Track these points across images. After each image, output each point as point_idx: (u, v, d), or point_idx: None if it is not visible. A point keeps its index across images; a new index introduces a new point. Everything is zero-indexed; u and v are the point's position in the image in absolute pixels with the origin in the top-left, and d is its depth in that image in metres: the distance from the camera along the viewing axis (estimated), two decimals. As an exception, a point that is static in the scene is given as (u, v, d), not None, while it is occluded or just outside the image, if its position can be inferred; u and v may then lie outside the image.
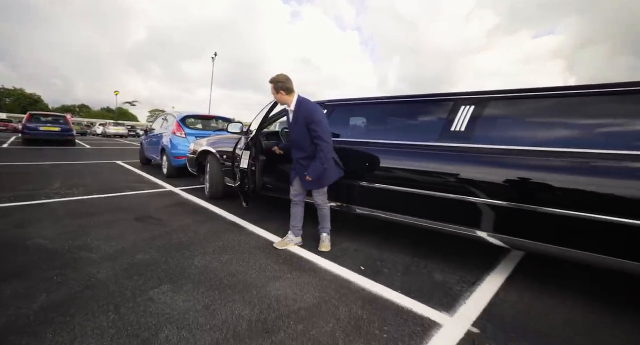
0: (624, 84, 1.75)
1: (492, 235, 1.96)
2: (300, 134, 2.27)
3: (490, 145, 2.02)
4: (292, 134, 2.35)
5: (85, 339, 1.32)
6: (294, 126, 2.31)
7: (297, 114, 2.27)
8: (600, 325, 1.60)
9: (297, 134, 2.30)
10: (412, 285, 1.93)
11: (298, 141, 2.32)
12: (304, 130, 2.24)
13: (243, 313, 1.56)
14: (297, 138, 2.31)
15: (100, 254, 2.16)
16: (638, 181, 1.53)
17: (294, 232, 2.48)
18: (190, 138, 5.37)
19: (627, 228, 1.53)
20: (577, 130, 1.84)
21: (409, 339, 1.42)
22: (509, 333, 1.49)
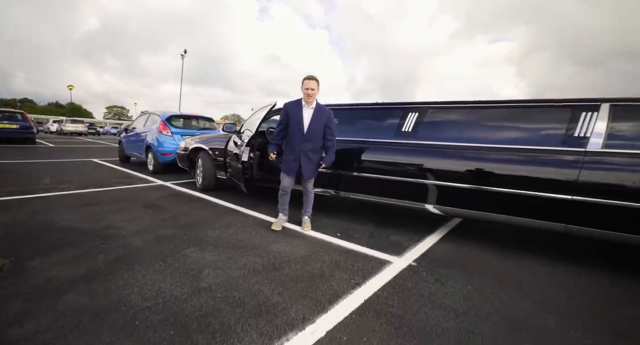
0: (514, 101, 2.63)
1: (434, 207, 2.75)
2: (317, 130, 2.69)
3: (429, 141, 2.82)
4: (310, 129, 2.67)
5: (152, 275, 1.88)
6: (313, 123, 2.67)
7: (319, 113, 2.69)
8: (498, 261, 2.45)
9: (314, 130, 2.68)
10: (374, 243, 2.67)
11: (313, 136, 2.70)
12: (321, 127, 2.70)
13: (256, 260, 2.19)
14: (314, 133, 2.69)
15: (127, 231, 2.65)
16: (521, 165, 2.39)
17: (284, 213, 2.98)
18: (176, 136, 5.76)
19: (523, 195, 2.37)
20: (485, 131, 2.69)
21: (370, 269, 2.14)
22: (434, 265, 2.27)
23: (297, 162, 2.74)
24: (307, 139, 2.69)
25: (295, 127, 2.69)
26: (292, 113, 2.70)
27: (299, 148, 2.72)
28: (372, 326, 1.50)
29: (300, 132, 2.69)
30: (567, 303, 1.81)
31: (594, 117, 2.26)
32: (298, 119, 2.68)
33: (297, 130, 2.69)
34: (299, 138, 2.70)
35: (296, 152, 2.73)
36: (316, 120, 2.68)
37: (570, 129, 2.32)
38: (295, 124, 2.69)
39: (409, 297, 1.80)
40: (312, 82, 2.64)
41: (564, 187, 2.21)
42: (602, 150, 2.15)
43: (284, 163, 2.83)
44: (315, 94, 2.66)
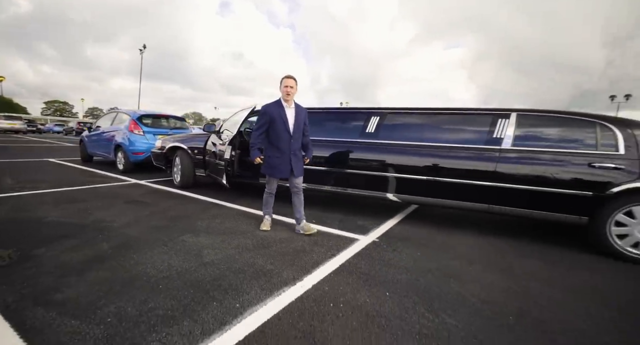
0: (450, 108, 3.30)
1: (393, 195, 3.33)
2: (299, 129, 2.77)
3: (388, 140, 3.39)
4: (295, 128, 2.72)
5: (159, 255, 2.19)
6: (296, 122, 2.72)
7: (299, 112, 2.76)
8: (440, 235, 3.08)
9: (298, 129, 2.75)
10: (344, 226, 3.17)
11: (299, 135, 2.79)
12: (302, 126, 2.79)
13: (247, 242, 2.57)
14: (298, 132, 2.77)
15: (119, 224, 2.86)
16: (457, 160, 3.04)
17: (270, 214, 3.01)
18: (148, 135, 5.81)
19: (459, 183, 3.01)
20: (432, 132, 3.33)
21: (343, 244, 2.63)
22: (392, 240, 2.84)
23: (288, 163, 2.74)
24: (295, 138, 2.75)
25: (282, 128, 2.69)
26: (276, 115, 2.68)
27: (288, 149, 2.72)
28: (346, 280, 1.99)
29: (287, 132, 2.70)
30: (485, 260, 2.47)
31: (506, 123, 2.98)
32: (284, 119, 2.68)
33: (284, 131, 2.69)
34: (287, 139, 2.71)
35: (285, 153, 2.73)
36: (298, 119, 2.74)
37: (491, 131, 3.02)
38: (281, 125, 2.68)
39: (373, 261, 2.32)
40: (291, 80, 2.67)
41: (487, 176, 2.90)
42: (511, 148, 2.87)
43: (270, 166, 2.78)
44: (294, 93, 2.70)
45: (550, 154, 2.74)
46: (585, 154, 2.63)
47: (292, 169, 2.76)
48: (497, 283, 2.06)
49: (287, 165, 2.75)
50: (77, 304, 1.55)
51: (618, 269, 2.39)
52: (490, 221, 3.70)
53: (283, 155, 2.73)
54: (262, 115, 2.75)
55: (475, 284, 2.02)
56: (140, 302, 1.60)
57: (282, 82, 2.70)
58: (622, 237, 2.52)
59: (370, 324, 1.53)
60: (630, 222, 2.48)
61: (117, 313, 1.49)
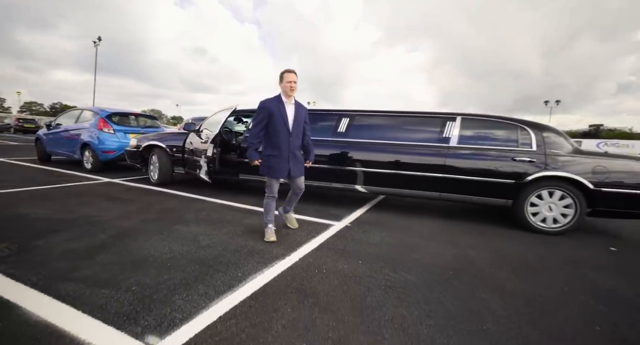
0: (405, 111, 3.88)
1: (361, 187, 3.82)
2: (299, 126, 2.61)
3: (357, 139, 3.88)
4: (295, 126, 2.56)
5: (158, 242, 2.43)
6: (296, 119, 2.56)
7: (299, 109, 2.60)
8: (402, 220, 3.63)
9: (298, 126, 2.59)
10: (320, 215, 3.59)
11: (299, 133, 2.62)
12: (302, 124, 2.63)
13: (236, 229, 2.89)
14: (299, 130, 2.61)
15: (108, 218, 3.01)
16: (415, 155, 3.60)
17: (273, 222, 2.70)
18: (119, 134, 5.75)
19: (417, 176, 3.57)
20: (394, 132, 3.87)
21: (320, 229, 3.05)
22: (362, 224, 3.32)
23: (287, 163, 2.58)
24: (294, 136, 2.58)
25: (281, 125, 2.51)
26: (276, 111, 2.50)
27: (287, 147, 2.56)
28: (326, 254, 2.41)
29: (286, 130, 2.52)
30: (437, 236, 3.04)
31: (453, 125, 3.61)
32: (284, 116, 2.51)
33: (283, 128, 2.52)
34: (286, 137, 2.54)
35: (283, 152, 2.56)
36: (298, 116, 2.58)
37: (441, 132, 3.63)
38: (280, 122, 2.50)
39: (347, 240, 2.77)
40: (293, 75, 2.50)
41: (438, 169, 3.50)
42: (456, 146, 3.50)
43: (268, 166, 2.58)
44: (296, 88, 2.53)
45: (485, 150, 3.40)
46: (509, 150, 3.33)
47: (290, 169, 2.61)
48: (443, 252, 2.62)
49: (286, 164, 2.58)
50: (99, 279, 1.79)
51: (532, 239, 3.10)
52: (443, 207, 4.36)
53: (281, 154, 2.56)
54: (260, 110, 2.55)
55: (428, 253, 2.56)
56: (154, 275, 1.88)
57: (283, 77, 2.52)
58: (535, 215, 3.25)
59: (347, 281, 1.97)
60: (539, 203, 3.21)
61: (138, 283, 1.77)
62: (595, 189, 3.03)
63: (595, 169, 3.06)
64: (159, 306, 1.55)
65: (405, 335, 1.45)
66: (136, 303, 1.57)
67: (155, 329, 1.38)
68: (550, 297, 1.92)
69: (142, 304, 1.56)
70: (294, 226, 2.98)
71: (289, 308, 1.63)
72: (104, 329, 1.35)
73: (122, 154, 5.58)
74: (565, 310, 1.77)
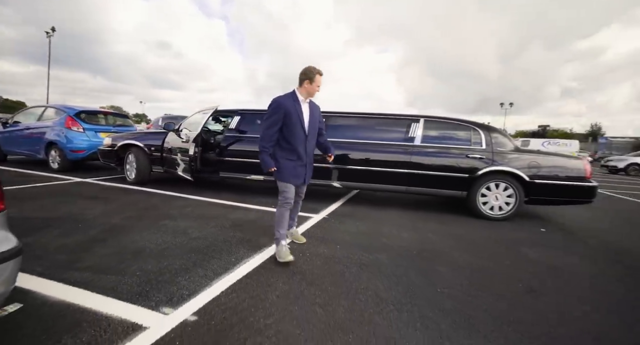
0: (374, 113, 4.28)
1: (337, 183, 4.16)
2: (315, 127, 2.38)
3: (331, 138, 4.19)
4: (311, 126, 2.32)
5: (150, 235, 2.57)
6: (312, 119, 2.32)
7: (314, 108, 2.37)
8: (374, 212, 4.02)
9: (313, 127, 2.36)
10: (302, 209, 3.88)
11: (315, 135, 2.40)
12: (317, 124, 2.39)
13: (223, 222, 3.09)
14: (313, 131, 2.37)
15: (93, 215, 3.07)
16: (385, 153, 4.00)
17: (285, 237, 2.34)
18: (89, 132, 5.61)
19: (387, 171, 3.97)
20: (365, 132, 4.24)
21: (300, 220, 3.34)
22: (338, 216, 3.66)
23: (304, 167, 2.34)
24: (310, 138, 2.34)
25: (298, 127, 2.24)
26: (292, 110, 2.22)
27: (304, 150, 2.30)
28: (308, 241, 2.70)
29: (303, 131, 2.27)
30: (404, 225, 3.46)
31: (417, 126, 4.06)
32: (300, 116, 2.25)
33: (300, 129, 2.25)
34: (302, 139, 2.27)
35: (301, 155, 2.29)
36: (313, 115, 2.34)
37: (407, 132, 4.08)
38: (297, 123, 2.23)
39: (325, 230, 3.09)
40: (321, 78, 2.28)
41: (405, 166, 3.93)
42: (420, 145, 3.96)
43: (285, 170, 2.26)
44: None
45: (444, 149, 3.89)
46: (464, 148, 3.84)
47: (305, 176, 2.38)
48: (409, 237, 3.03)
49: (303, 169, 2.34)
50: (102, 268, 1.94)
51: (482, 224, 3.63)
52: (409, 199, 4.84)
53: (299, 158, 2.30)
54: (274, 109, 2.22)
55: (396, 238, 2.95)
56: (155, 263, 2.06)
57: (314, 80, 2.23)
58: (485, 204, 3.80)
59: (328, 261, 2.29)
60: (488, 194, 3.76)
61: (141, 270, 1.94)
62: (530, 181, 3.63)
63: (530, 164, 3.66)
64: (166, 286, 1.76)
65: (377, 298, 1.80)
66: (144, 285, 1.76)
67: (167, 302, 1.59)
68: (492, 267, 2.38)
69: (150, 285, 1.76)
70: (302, 241, 2.66)
71: (281, 283, 1.91)
72: (121, 305, 1.55)
73: (93, 153, 5.46)
74: (501, 276, 2.23)
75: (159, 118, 11.06)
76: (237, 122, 4.45)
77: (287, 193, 2.32)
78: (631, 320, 1.75)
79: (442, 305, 1.77)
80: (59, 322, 1.39)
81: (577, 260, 2.64)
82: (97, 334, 1.32)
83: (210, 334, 1.38)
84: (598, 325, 1.66)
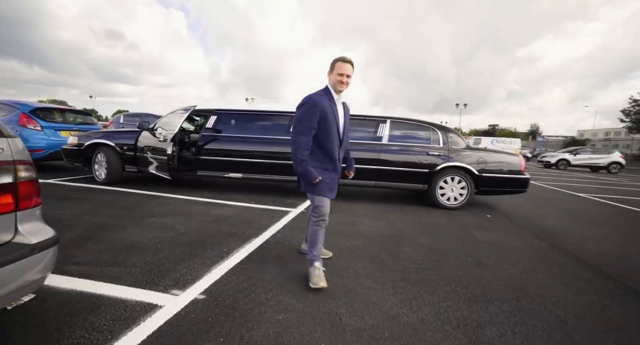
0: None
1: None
2: (348, 132, 2.11)
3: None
4: (345, 129, 2.01)
5: (139, 232, 2.66)
6: (345, 121, 2.03)
7: (346, 109, 2.07)
8: (346, 204, 4.38)
9: (347, 132, 2.07)
10: (278, 203, 4.12)
11: (346, 140, 2.11)
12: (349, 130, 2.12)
13: (207, 218, 3.24)
14: (347, 136, 2.10)
15: (72, 215, 3.04)
16: (359, 152, 4.37)
17: (320, 260, 2.00)
18: (48, 131, 5.30)
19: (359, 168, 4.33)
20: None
21: (280, 214, 3.59)
22: (316, 209, 3.96)
23: (338, 177, 2.04)
24: (344, 144, 2.05)
25: (333, 129, 1.91)
26: (329, 111, 1.88)
27: (337, 158, 1.99)
28: (290, 232, 2.98)
29: (337, 134, 1.95)
30: (374, 215, 3.86)
31: (384, 126, 4.49)
32: (336, 117, 1.92)
33: (335, 132, 1.93)
34: (337, 145, 1.96)
35: (337, 165, 1.99)
36: (346, 117, 2.05)
37: (376, 132, 4.49)
38: (333, 125, 1.91)
39: (305, 222, 3.36)
40: (348, 66, 1.89)
41: (374, 162, 4.34)
42: (387, 143, 4.39)
43: (322, 182, 1.91)
44: (348, 85, 1.93)
45: (408, 147, 4.37)
46: (425, 146, 4.35)
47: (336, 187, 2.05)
48: (379, 225, 3.43)
49: (337, 179, 2.04)
50: (101, 262, 2.04)
51: (440, 212, 4.16)
52: (378, 192, 5.29)
53: (335, 168, 1.99)
54: (309, 109, 1.85)
55: (367, 227, 3.33)
56: (152, 255, 2.20)
57: (335, 67, 1.90)
58: (443, 195, 4.34)
59: (312, 247, 2.58)
60: (445, 186, 4.31)
61: (140, 261, 2.08)
62: (479, 175, 4.23)
63: (479, 160, 4.26)
64: (169, 273, 1.93)
65: (355, 274, 2.14)
66: (147, 273, 1.92)
67: (174, 286, 1.78)
68: (447, 246, 2.85)
69: (154, 274, 1.92)
70: (328, 255, 2.41)
71: (273, 266, 2.17)
72: (132, 290, 1.70)
73: (54, 152, 5.18)
74: (455, 253, 2.69)
75: (119, 116, 10.49)
76: (214, 122, 4.55)
77: (323, 208, 2.00)
78: (548, 277, 2.27)
79: (409, 276, 2.15)
80: (78, 305, 1.52)
81: (512, 239, 3.22)
82: (119, 313, 1.48)
83: (220, 307, 1.60)
84: (525, 283, 2.15)
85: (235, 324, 1.47)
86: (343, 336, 1.44)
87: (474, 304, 1.81)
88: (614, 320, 1.73)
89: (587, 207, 5.48)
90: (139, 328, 1.37)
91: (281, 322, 1.51)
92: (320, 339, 1.41)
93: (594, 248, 3.08)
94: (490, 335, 1.52)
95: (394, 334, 1.48)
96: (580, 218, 4.50)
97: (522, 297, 1.94)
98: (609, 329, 1.64)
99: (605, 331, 1.61)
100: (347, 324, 1.54)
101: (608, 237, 3.54)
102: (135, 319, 1.44)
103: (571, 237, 3.40)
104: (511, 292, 2.01)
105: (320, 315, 1.60)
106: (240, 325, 1.47)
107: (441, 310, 1.73)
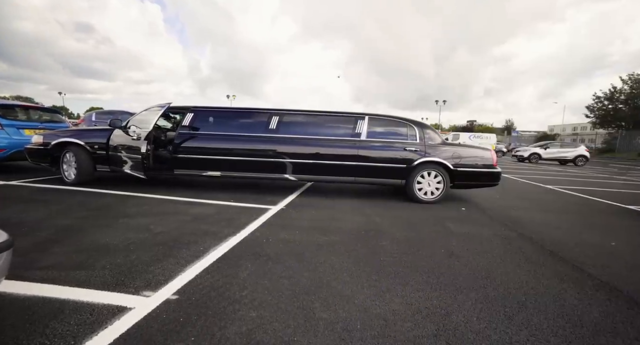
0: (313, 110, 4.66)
1: (291, 176, 4.44)
2: None
3: (286, 135, 4.47)
4: None
5: (112, 233, 2.57)
6: None
7: None
8: (328, 201, 4.41)
9: None
10: (259, 201, 4.09)
11: None
12: None
13: (184, 217, 3.17)
14: None
15: (38, 218, 2.89)
16: (335, 148, 4.40)
17: None
18: (9, 129, 5.01)
19: (337, 164, 4.36)
20: (317, 128, 4.59)
21: (260, 212, 3.57)
22: (294, 206, 3.96)
23: None
24: None
25: None
26: None
27: None
28: (269, 229, 2.97)
29: None
30: (354, 211, 3.91)
31: (362, 122, 4.54)
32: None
33: None
34: None
35: None
36: None
37: (355, 128, 4.53)
38: None
39: (284, 218, 3.37)
40: None
41: (352, 158, 4.39)
42: (365, 139, 4.44)
43: None
44: None
45: (386, 143, 4.44)
46: (402, 142, 4.44)
47: None
48: (358, 220, 3.48)
49: None
50: (67, 266, 1.96)
51: (417, 206, 4.28)
52: (357, 188, 5.36)
53: None
54: None
55: (348, 222, 3.38)
56: (123, 256, 2.13)
57: None
58: (420, 190, 4.46)
59: (289, 244, 2.59)
60: (422, 181, 4.43)
61: (110, 263, 2.01)
62: (454, 169, 4.37)
63: (453, 155, 4.40)
64: (141, 275, 1.88)
65: (332, 269, 2.17)
66: (118, 275, 1.86)
67: (145, 287, 1.74)
68: (422, 239, 2.93)
69: (125, 275, 1.86)
70: None
71: (249, 264, 2.16)
72: (100, 293, 1.65)
73: (16, 152, 4.89)
74: (430, 245, 2.78)
75: (91, 114, 10.01)
76: (191, 119, 4.44)
77: None
78: (514, 264, 2.39)
79: (384, 270, 2.20)
80: (39, 312, 1.46)
81: (484, 230, 3.36)
82: (84, 318, 1.43)
83: (193, 306, 1.59)
84: (492, 271, 2.26)
85: (208, 322, 1.47)
86: (315, 330, 1.47)
87: (443, 294, 1.89)
88: (569, 303, 1.85)
89: (554, 198, 5.79)
90: (105, 332, 1.34)
91: (255, 319, 1.52)
92: (293, 333, 1.43)
93: (556, 236, 3.27)
94: (456, 321, 1.59)
95: (366, 325, 1.52)
96: (546, 208, 4.75)
97: (488, 285, 2.03)
98: (564, 311, 1.76)
99: (561, 313, 1.73)
100: (320, 318, 1.56)
101: (569, 226, 3.77)
102: (102, 323, 1.40)
103: (537, 227, 3.59)
104: (479, 280, 2.10)
105: (294, 311, 1.61)
106: (212, 323, 1.46)
107: (412, 300, 1.79)
